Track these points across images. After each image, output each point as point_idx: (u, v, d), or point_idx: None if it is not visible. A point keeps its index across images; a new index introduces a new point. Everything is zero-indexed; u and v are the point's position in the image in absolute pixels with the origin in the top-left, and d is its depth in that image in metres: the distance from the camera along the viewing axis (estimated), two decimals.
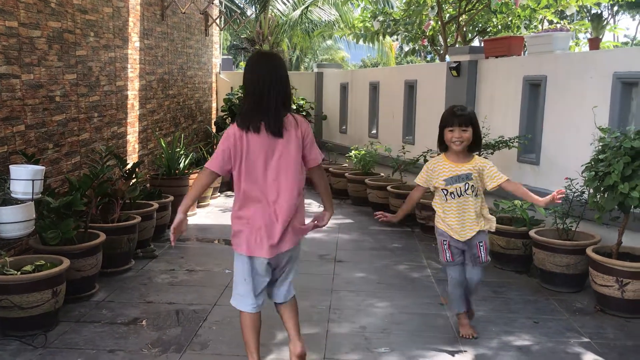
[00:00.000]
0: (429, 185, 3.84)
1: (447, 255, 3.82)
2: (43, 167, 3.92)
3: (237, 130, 3.05)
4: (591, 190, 4.43)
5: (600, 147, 4.41)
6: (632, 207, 4.18)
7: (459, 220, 3.75)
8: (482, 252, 3.79)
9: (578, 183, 4.86)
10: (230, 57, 20.70)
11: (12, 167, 3.79)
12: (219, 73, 11.78)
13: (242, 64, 26.91)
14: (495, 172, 3.71)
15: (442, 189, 3.73)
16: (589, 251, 4.52)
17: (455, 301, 3.91)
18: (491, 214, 5.66)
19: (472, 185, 3.70)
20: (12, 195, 3.73)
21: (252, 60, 3.18)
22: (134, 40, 7.04)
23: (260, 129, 3.02)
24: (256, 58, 3.21)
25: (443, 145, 3.80)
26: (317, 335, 3.94)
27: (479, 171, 3.72)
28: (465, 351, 3.72)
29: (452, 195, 3.72)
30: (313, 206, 8.37)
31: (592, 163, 4.40)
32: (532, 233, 5.02)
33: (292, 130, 3.08)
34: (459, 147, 3.67)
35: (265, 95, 3.03)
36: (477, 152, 3.89)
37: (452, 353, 3.70)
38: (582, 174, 4.53)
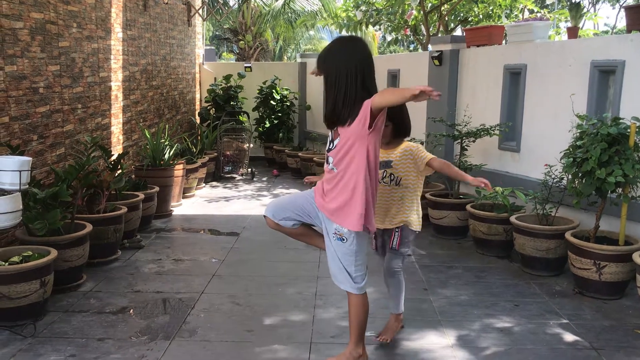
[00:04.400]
0: None
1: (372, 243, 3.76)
2: (30, 158, 3.93)
3: None
4: (569, 176, 4.55)
5: (578, 134, 4.52)
6: (609, 192, 4.30)
7: (378, 207, 3.54)
8: (394, 240, 3.60)
9: (557, 169, 4.98)
10: (213, 47, 20.61)
11: None
12: (203, 64, 11.76)
13: (225, 55, 26.79)
14: (422, 152, 3.53)
15: None
16: (567, 235, 4.64)
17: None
18: (473, 200, 5.80)
19: (391, 174, 3.54)
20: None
21: (349, 47, 3.08)
22: (117, 31, 7.02)
23: None
24: (348, 44, 3.11)
25: None
26: (304, 321, 4.01)
27: (409, 156, 3.53)
28: (448, 334, 3.82)
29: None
30: None
31: (571, 150, 4.52)
32: (512, 219, 5.13)
33: None
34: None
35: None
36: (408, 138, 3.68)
37: (436, 336, 3.80)
38: (560, 160, 4.65)
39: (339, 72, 3.01)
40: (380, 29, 12.08)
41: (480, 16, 9.94)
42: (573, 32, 6.08)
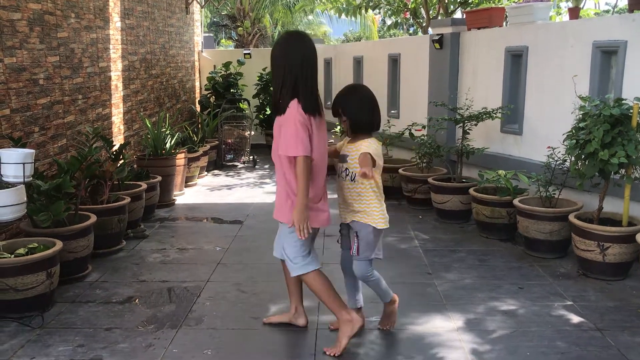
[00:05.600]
0: None
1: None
2: (33, 151, 3.93)
3: (304, 114, 3.18)
4: (572, 158, 4.54)
5: (580, 116, 4.51)
6: (612, 173, 4.30)
7: (341, 201, 3.53)
8: (354, 246, 3.44)
9: (560, 151, 4.97)
10: (211, 34, 20.49)
11: (2, 151, 3.80)
12: (202, 51, 11.70)
13: (224, 42, 26.65)
14: (364, 149, 3.31)
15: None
16: (571, 217, 4.64)
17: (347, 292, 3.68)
18: (476, 184, 5.80)
19: (347, 168, 3.42)
20: (3, 179, 3.75)
21: (292, 43, 3.31)
22: (115, 21, 6.98)
23: (321, 113, 3.32)
24: (293, 40, 3.35)
25: None
26: (310, 307, 4.02)
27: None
28: (453, 317, 3.84)
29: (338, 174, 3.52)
30: None
31: (573, 131, 4.51)
32: (516, 202, 5.13)
33: None
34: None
35: (313, 78, 3.30)
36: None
37: (441, 319, 3.82)
38: (563, 142, 4.64)
39: (279, 65, 3.26)
40: (379, 13, 11.99)
41: None
42: (574, 13, 6.04)
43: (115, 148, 5.81)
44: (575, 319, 3.81)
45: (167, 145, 7.06)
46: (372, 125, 3.44)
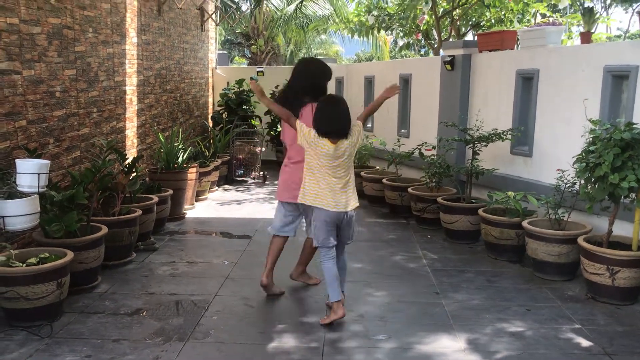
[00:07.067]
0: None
1: None
2: (48, 161, 3.99)
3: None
4: (582, 181, 4.55)
5: (591, 139, 4.52)
6: (622, 197, 4.29)
7: None
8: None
9: (569, 174, 4.97)
10: (225, 52, 20.72)
11: (18, 161, 3.86)
12: (215, 68, 11.83)
13: (237, 59, 26.91)
14: None
15: None
16: (580, 240, 4.63)
17: None
18: (485, 204, 5.81)
19: None
20: (19, 188, 3.80)
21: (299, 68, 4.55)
22: (132, 36, 7.10)
23: None
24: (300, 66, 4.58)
25: None
26: (317, 324, 4.04)
27: None
28: (460, 338, 3.83)
29: None
30: None
31: (583, 154, 4.52)
32: (525, 223, 5.13)
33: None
34: None
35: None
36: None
37: (448, 339, 3.81)
38: (573, 165, 4.65)
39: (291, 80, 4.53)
40: (391, 34, 12.10)
41: (492, 21, 9.95)
42: (586, 37, 6.07)
43: (128, 161, 5.87)
44: (584, 342, 3.79)
45: (179, 159, 7.13)
46: (321, 130, 3.99)
